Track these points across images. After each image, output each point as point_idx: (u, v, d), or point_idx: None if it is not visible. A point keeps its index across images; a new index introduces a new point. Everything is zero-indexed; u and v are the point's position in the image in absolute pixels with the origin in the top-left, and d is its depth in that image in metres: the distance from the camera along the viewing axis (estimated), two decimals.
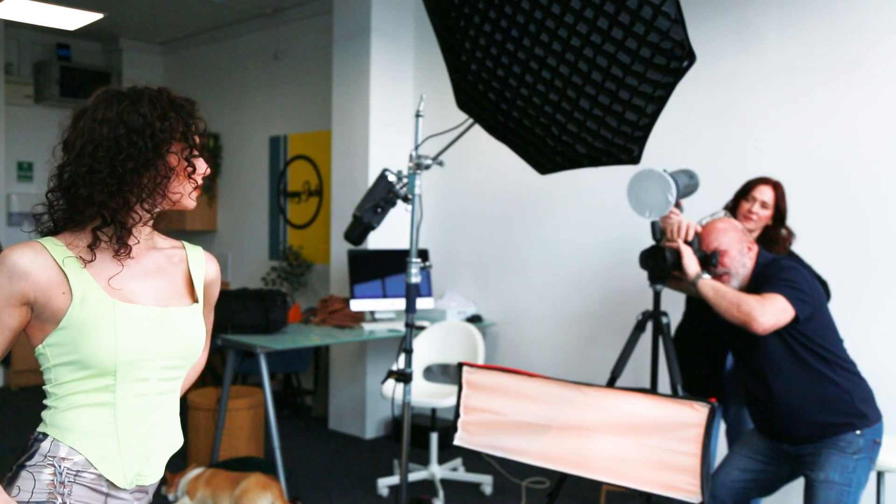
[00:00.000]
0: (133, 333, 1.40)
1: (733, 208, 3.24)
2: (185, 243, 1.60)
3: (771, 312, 2.48)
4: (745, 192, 3.21)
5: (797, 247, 3.27)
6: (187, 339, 1.50)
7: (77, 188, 1.37)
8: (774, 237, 3.18)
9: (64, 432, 1.39)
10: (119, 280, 1.42)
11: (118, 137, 1.37)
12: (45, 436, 1.39)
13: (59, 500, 1.37)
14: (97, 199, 1.37)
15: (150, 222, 1.48)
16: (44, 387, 1.43)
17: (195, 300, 1.54)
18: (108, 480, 1.41)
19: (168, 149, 1.41)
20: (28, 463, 1.38)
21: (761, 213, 3.16)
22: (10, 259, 1.34)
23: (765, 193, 3.17)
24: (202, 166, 1.48)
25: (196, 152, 1.45)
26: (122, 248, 1.41)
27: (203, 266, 1.58)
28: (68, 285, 1.36)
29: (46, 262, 1.36)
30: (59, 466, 1.37)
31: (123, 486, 1.43)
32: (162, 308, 1.46)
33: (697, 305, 3.15)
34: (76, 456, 1.39)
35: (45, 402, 1.43)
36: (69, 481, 1.38)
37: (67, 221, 1.41)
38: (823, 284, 3.12)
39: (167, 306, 1.47)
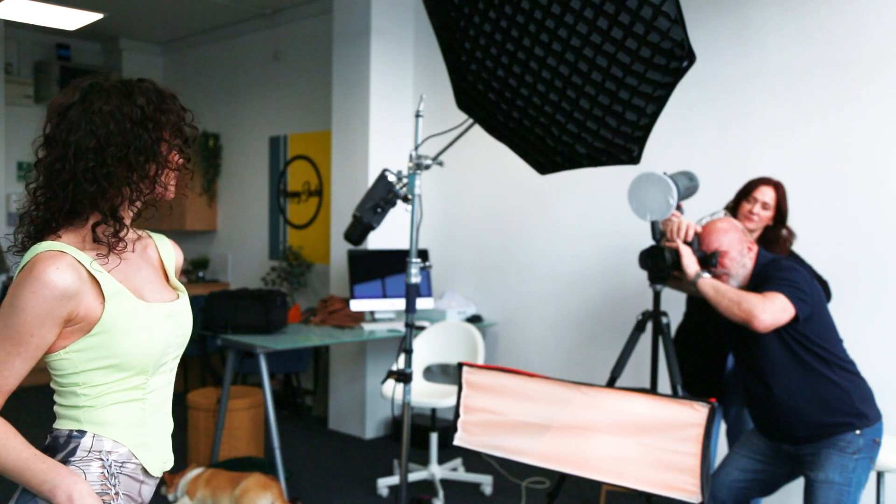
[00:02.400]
0: (160, 332, 1.44)
1: (734, 208, 3.24)
2: (149, 232, 1.61)
3: (771, 311, 2.48)
4: (747, 192, 3.20)
5: (798, 246, 3.27)
6: (188, 330, 1.56)
7: (81, 184, 1.35)
8: (775, 237, 3.17)
9: (105, 427, 1.40)
10: (124, 276, 1.43)
11: (125, 132, 1.37)
12: (82, 432, 1.39)
13: (113, 491, 1.40)
14: (110, 193, 1.37)
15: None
16: (61, 388, 1.41)
17: (175, 288, 1.58)
18: (143, 469, 1.46)
19: (165, 139, 1.43)
20: (72, 459, 1.38)
21: (762, 214, 3.15)
22: (56, 281, 1.31)
23: (766, 194, 3.16)
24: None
25: (187, 141, 1.48)
26: (119, 242, 1.42)
27: (172, 254, 1.62)
28: (101, 291, 1.36)
29: (81, 272, 1.35)
30: (107, 459, 1.40)
31: (156, 473, 1.49)
32: (169, 303, 1.50)
33: (698, 305, 3.15)
34: (120, 448, 1.42)
35: (67, 401, 1.40)
36: (117, 472, 1.41)
37: (65, 218, 1.39)
38: (824, 284, 3.12)
39: (169, 301, 1.51)
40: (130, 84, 1.42)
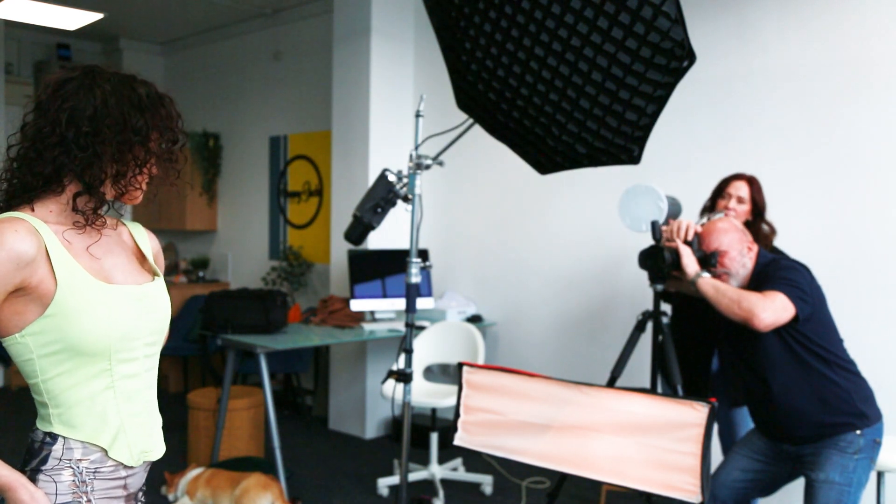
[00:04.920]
0: (120, 314, 1.40)
1: (711, 207, 3.24)
2: (122, 220, 1.60)
3: (772, 309, 2.48)
4: (721, 189, 3.21)
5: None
6: (163, 314, 1.53)
7: (70, 150, 1.35)
8: (754, 233, 3.16)
9: (74, 430, 1.38)
10: (95, 254, 1.42)
11: (123, 110, 1.38)
12: (54, 438, 1.38)
13: (85, 499, 1.38)
14: (100, 163, 1.37)
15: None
16: (30, 380, 1.38)
17: (153, 274, 1.56)
18: (123, 464, 1.43)
19: (157, 129, 1.44)
20: (43, 467, 1.36)
21: (738, 209, 3.15)
22: (12, 244, 1.29)
23: (740, 189, 3.16)
24: (176, 159, 1.49)
25: (176, 143, 1.47)
26: (97, 219, 1.42)
27: (148, 241, 1.61)
28: (52, 270, 1.34)
29: (40, 241, 1.33)
30: (78, 467, 1.38)
31: (132, 464, 1.45)
32: (139, 286, 1.48)
33: (685, 306, 3.16)
34: (91, 454, 1.39)
35: (39, 396, 1.39)
36: (90, 479, 1.39)
37: (45, 183, 1.38)
38: None
39: (139, 283, 1.49)
40: (131, 75, 1.45)
